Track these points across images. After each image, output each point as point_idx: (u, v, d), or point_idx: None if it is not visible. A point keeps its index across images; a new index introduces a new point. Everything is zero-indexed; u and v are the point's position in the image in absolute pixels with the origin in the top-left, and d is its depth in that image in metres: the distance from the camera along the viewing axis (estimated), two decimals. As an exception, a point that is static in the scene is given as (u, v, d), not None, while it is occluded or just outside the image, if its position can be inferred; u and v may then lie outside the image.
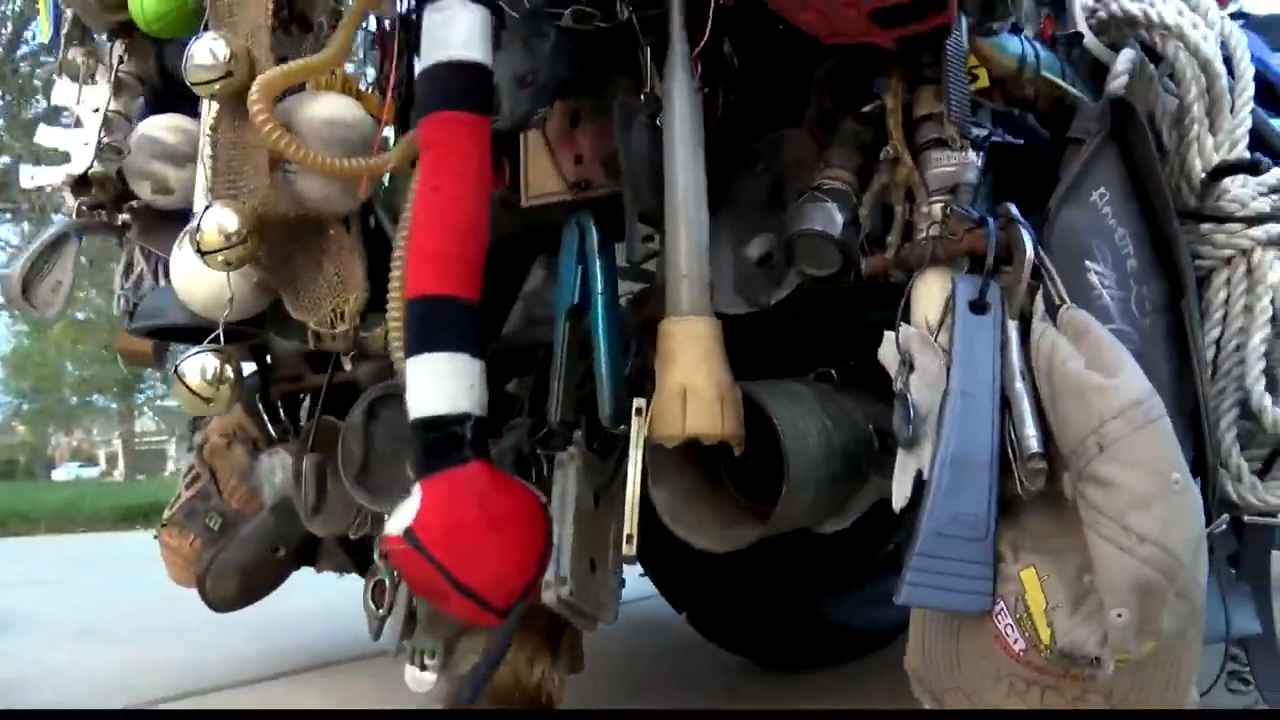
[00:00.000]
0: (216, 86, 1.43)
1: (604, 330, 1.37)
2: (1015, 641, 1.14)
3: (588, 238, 1.39)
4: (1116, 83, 1.42)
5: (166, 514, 2.20)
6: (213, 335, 1.53)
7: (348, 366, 1.65)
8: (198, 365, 1.53)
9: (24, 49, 15.12)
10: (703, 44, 1.26)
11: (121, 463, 30.03)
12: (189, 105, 1.90)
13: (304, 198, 1.38)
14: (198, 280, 1.55)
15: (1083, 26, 1.52)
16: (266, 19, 1.44)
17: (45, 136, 1.92)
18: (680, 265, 1.22)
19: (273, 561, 2.11)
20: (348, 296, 1.44)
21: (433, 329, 1.17)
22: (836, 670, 2.27)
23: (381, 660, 2.37)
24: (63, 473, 33.35)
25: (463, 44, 1.19)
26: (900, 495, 1.18)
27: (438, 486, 1.14)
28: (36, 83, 15.36)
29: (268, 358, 2.09)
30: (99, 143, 1.83)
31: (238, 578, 2.10)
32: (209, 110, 1.64)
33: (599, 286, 1.37)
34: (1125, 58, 1.44)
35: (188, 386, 1.52)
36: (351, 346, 1.50)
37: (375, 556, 1.76)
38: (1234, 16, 1.87)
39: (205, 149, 1.64)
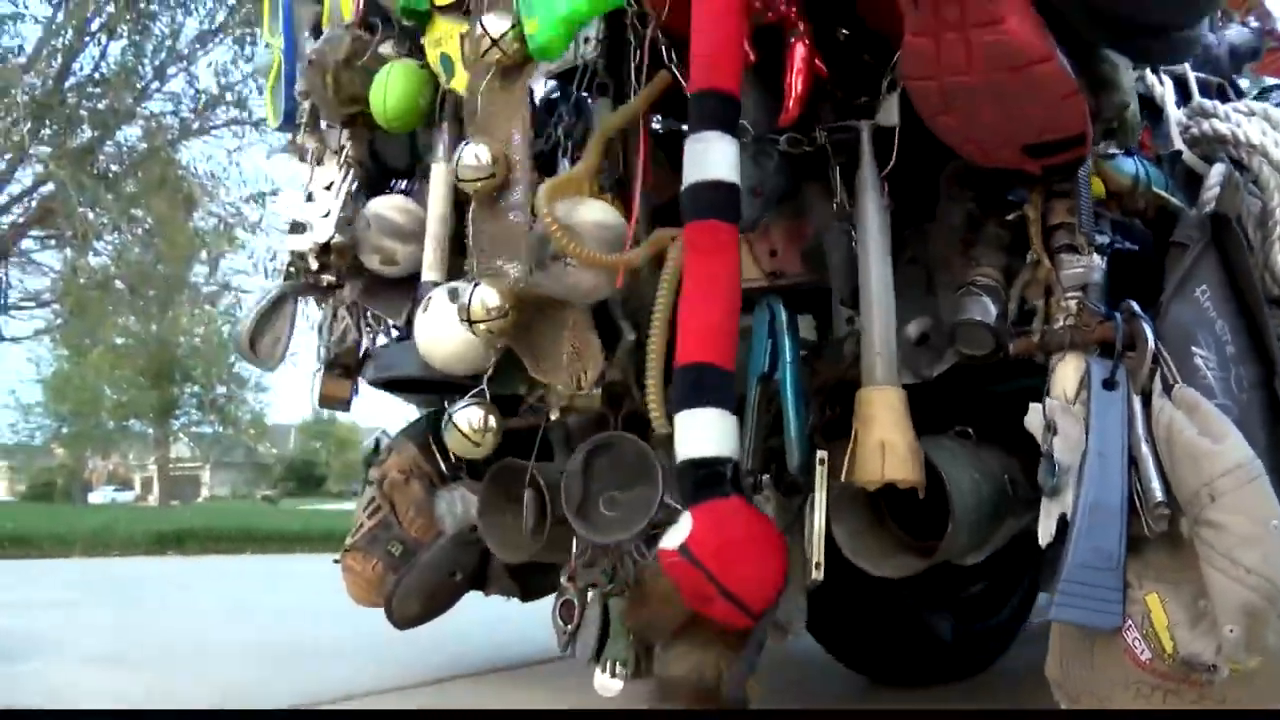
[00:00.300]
0: (479, 184, 1.77)
1: (792, 395, 1.70)
2: (1142, 653, 1.45)
3: (778, 317, 1.73)
4: (1210, 193, 1.74)
5: (349, 540, 2.52)
6: (475, 390, 1.88)
7: (553, 416, 1.98)
8: (467, 416, 1.87)
9: (71, 80, 15.59)
10: (889, 167, 1.60)
11: (156, 487, 30.58)
12: (392, 186, 2.28)
13: (579, 287, 1.71)
14: (439, 341, 1.90)
15: (1179, 143, 1.85)
16: (525, 131, 1.78)
17: (286, 208, 2.27)
18: (875, 345, 1.57)
19: (450, 585, 2.44)
20: (586, 366, 1.77)
21: (703, 389, 1.48)
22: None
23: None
24: (99, 496, 33.94)
25: (719, 167, 1.51)
26: (1046, 533, 1.51)
27: (707, 513, 1.45)
28: (82, 113, 15.87)
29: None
30: (340, 216, 2.18)
31: (420, 599, 2.42)
32: (438, 197, 2.01)
33: (788, 358, 1.71)
34: (1217, 172, 1.76)
35: (460, 432, 1.87)
36: (590, 405, 1.82)
37: (563, 580, 2.09)
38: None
39: (434, 229, 2.01)
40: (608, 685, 1.97)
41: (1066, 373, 1.57)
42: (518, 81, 1.78)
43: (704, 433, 1.47)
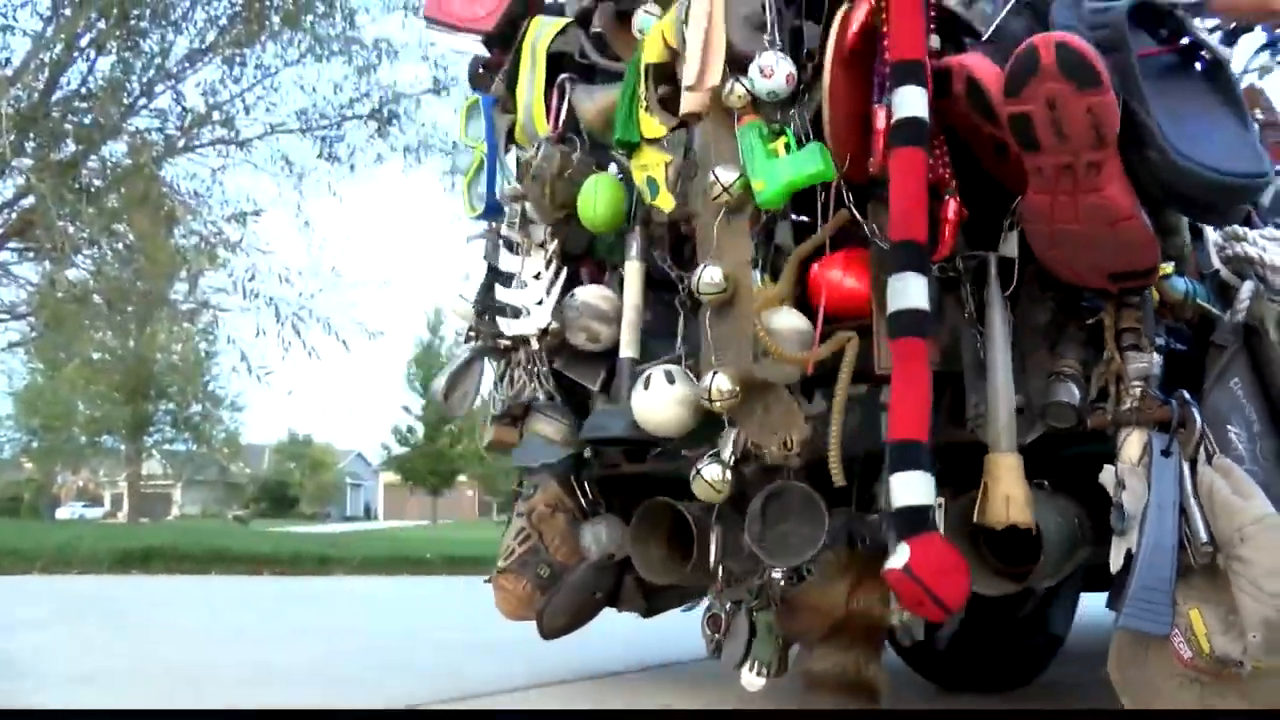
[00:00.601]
0: (713, 296, 2.34)
1: (922, 455, 2.32)
2: (1185, 653, 2.05)
3: (911, 396, 2.34)
4: (1242, 305, 2.36)
5: (502, 563, 3.08)
6: (711, 451, 2.44)
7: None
8: (711, 471, 2.42)
9: (58, 94, 15.92)
10: (1011, 289, 2.24)
11: (126, 504, 30.68)
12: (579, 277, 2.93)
13: (781, 374, 2.32)
14: (655, 412, 2.50)
15: (1216, 263, 2.49)
16: (748, 258, 2.36)
17: (504, 295, 2.89)
18: (1000, 422, 2.21)
19: (592, 602, 3.04)
20: (792, 432, 2.34)
21: (911, 457, 2.08)
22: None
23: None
24: (66, 511, 33.90)
25: (916, 299, 2.09)
26: (1116, 563, 2.13)
27: (920, 544, 2.04)
28: (67, 127, 16.25)
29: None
30: (556, 303, 2.81)
31: (566, 615, 3.02)
32: (634, 289, 2.64)
33: (918, 427, 2.32)
34: (1248, 289, 2.36)
35: (706, 483, 2.42)
36: (789, 462, 2.39)
37: (708, 595, 2.71)
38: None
39: (630, 316, 2.64)
40: (753, 682, 2.58)
41: (1133, 443, 2.19)
42: (741, 218, 2.36)
43: (913, 488, 2.06)
